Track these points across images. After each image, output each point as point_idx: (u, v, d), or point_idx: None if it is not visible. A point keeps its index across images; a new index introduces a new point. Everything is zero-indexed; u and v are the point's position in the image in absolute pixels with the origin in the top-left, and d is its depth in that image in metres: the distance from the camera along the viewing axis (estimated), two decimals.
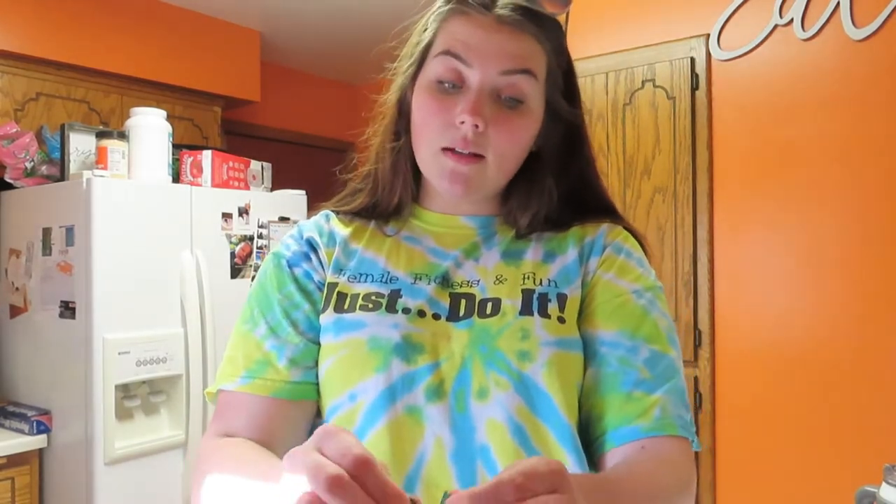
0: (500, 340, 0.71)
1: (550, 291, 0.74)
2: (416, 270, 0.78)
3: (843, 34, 2.14)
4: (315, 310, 0.78)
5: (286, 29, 3.59)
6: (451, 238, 0.81)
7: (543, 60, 0.76)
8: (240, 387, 0.75)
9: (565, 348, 0.71)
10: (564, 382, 0.70)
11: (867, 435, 2.08)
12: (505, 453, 0.68)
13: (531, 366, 0.70)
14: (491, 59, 0.72)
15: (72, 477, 2.24)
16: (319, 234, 0.83)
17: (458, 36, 0.73)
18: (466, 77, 0.73)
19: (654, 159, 2.49)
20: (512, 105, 0.73)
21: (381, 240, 0.82)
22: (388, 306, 0.75)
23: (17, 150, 2.50)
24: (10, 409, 2.39)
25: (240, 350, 0.78)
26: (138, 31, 3.14)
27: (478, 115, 0.70)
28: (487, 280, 0.76)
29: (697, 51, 2.40)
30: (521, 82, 0.73)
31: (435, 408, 0.70)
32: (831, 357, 2.15)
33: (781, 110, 2.27)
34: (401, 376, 0.71)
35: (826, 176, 2.19)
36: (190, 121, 3.38)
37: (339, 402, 0.73)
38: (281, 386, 0.75)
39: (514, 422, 0.69)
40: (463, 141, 0.72)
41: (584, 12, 2.66)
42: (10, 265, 2.55)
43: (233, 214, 2.61)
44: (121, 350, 2.22)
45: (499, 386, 0.70)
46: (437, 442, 0.69)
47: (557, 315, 0.72)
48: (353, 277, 0.78)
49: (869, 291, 2.11)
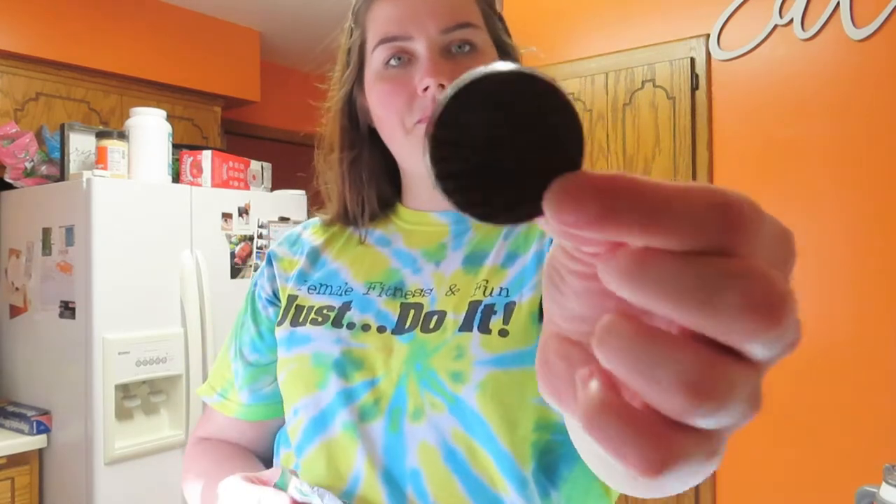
0: (434, 359, 0.67)
1: (498, 302, 0.68)
2: (373, 279, 0.76)
3: (843, 34, 2.14)
4: (259, 331, 0.81)
5: (286, 29, 3.59)
6: (419, 236, 0.78)
7: (476, 6, 0.74)
8: (214, 403, 0.84)
9: (505, 366, 0.64)
10: (503, 404, 0.63)
11: (867, 435, 2.08)
12: (437, 479, 0.64)
13: (464, 388, 0.64)
14: (428, 22, 0.69)
15: (72, 477, 2.24)
16: (290, 244, 0.84)
17: (387, 17, 0.71)
18: (412, 50, 0.70)
19: (654, 159, 2.49)
20: (467, 55, 0.71)
21: (353, 246, 0.80)
22: (334, 320, 0.73)
23: (17, 150, 2.50)
24: (10, 409, 2.38)
25: (218, 367, 0.86)
26: (138, 31, 3.14)
27: (439, 73, 0.68)
28: (440, 290, 0.72)
29: (697, 51, 2.40)
30: (465, 34, 0.71)
31: (370, 426, 0.68)
32: (832, 357, 2.15)
33: (781, 110, 2.27)
34: (338, 393, 0.69)
35: (826, 176, 2.19)
36: (190, 121, 3.38)
37: (288, 417, 0.75)
38: (237, 408, 0.82)
39: (448, 446, 0.65)
40: (433, 104, 0.68)
41: (584, 12, 2.66)
42: (10, 265, 2.55)
43: (233, 214, 2.61)
44: (121, 350, 2.22)
45: (434, 407, 0.66)
46: (369, 462, 0.67)
47: (500, 329, 0.66)
48: (312, 289, 0.77)
49: (869, 291, 2.11)
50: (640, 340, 0.20)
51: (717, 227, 0.19)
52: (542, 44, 2.72)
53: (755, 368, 0.20)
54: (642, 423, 0.20)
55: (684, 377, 0.19)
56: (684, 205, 0.19)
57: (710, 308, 0.19)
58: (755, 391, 0.20)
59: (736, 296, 0.18)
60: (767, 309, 0.18)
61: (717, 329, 0.19)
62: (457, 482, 0.64)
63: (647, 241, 0.19)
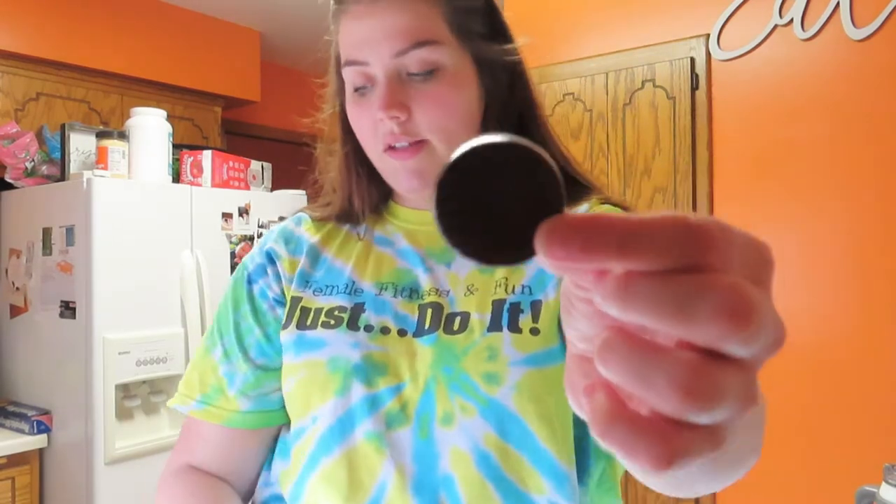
0: (465, 361, 0.65)
1: (524, 300, 0.67)
2: (383, 280, 0.73)
3: (843, 34, 2.14)
4: (266, 333, 0.75)
5: (286, 29, 3.59)
6: (423, 237, 0.75)
7: (440, 17, 0.68)
8: (194, 411, 0.75)
9: (540, 364, 0.64)
10: (541, 403, 0.63)
11: (867, 435, 2.08)
12: (470, 485, 0.63)
13: (500, 389, 0.63)
14: (381, 47, 0.66)
15: (72, 477, 2.24)
16: (286, 241, 0.79)
17: (349, 38, 0.69)
18: (372, 75, 0.68)
19: (654, 159, 2.49)
20: (427, 76, 0.67)
21: (352, 244, 0.77)
22: (349, 322, 0.70)
23: (18, 150, 2.50)
24: (10, 409, 2.39)
25: (197, 370, 0.78)
26: (138, 31, 3.14)
27: (391, 107, 0.66)
28: (457, 290, 0.70)
29: (697, 51, 2.40)
30: (422, 55, 0.66)
31: (397, 434, 0.65)
32: (831, 357, 2.15)
33: (781, 110, 2.27)
34: (360, 400, 0.66)
35: (826, 176, 2.19)
36: (190, 121, 3.38)
37: (303, 425, 0.70)
38: (231, 416, 0.74)
39: (480, 451, 0.64)
40: (392, 136, 0.67)
41: (584, 12, 2.66)
42: (10, 265, 2.55)
43: (233, 214, 2.61)
44: (121, 350, 2.22)
45: (465, 412, 0.64)
46: (398, 471, 0.64)
47: (530, 327, 0.65)
48: (318, 290, 0.74)
49: (869, 291, 2.11)
50: (636, 352, 0.22)
51: (685, 247, 0.22)
52: (543, 44, 2.73)
53: (742, 367, 0.23)
54: (648, 426, 0.22)
55: (676, 380, 0.22)
56: (651, 231, 0.22)
57: (687, 317, 0.21)
58: (747, 387, 0.23)
59: (707, 305, 0.21)
60: (736, 313, 0.21)
61: (696, 335, 0.22)
62: (490, 486, 0.63)
63: (625, 265, 0.22)
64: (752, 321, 0.21)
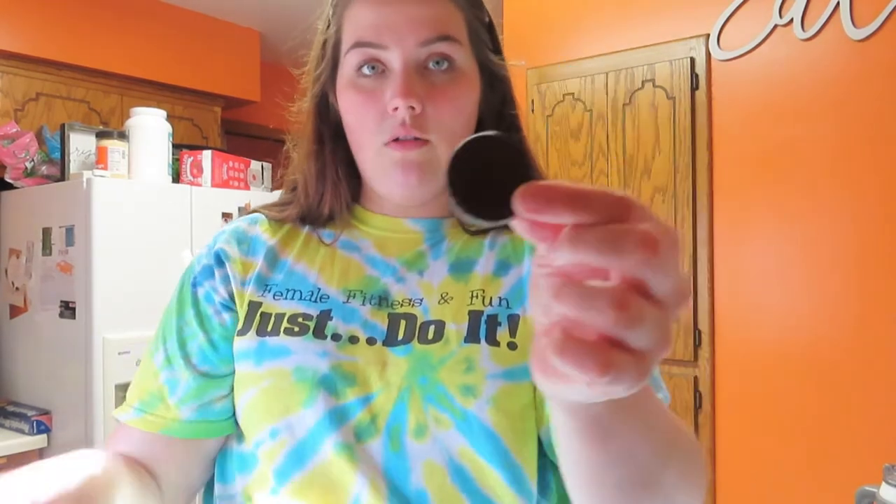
0: (441, 372, 0.63)
1: (501, 313, 0.66)
2: (351, 287, 0.70)
3: (843, 34, 2.14)
4: (210, 339, 0.71)
5: (286, 29, 3.59)
6: (393, 244, 0.73)
7: (461, 19, 0.68)
8: (131, 420, 0.71)
9: (516, 379, 0.63)
10: (514, 418, 0.62)
11: (867, 435, 2.08)
12: (444, 499, 0.61)
13: (475, 402, 0.62)
14: (405, 33, 0.65)
15: None
16: (238, 241, 0.74)
17: (364, 21, 0.66)
18: (387, 61, 0.66)
19: (654, 159, 2.49)
20: (443, 73, 0.66)
21: (314, 248, 0.74)
22: (315, 330, 0.67)
23: (18, 150, 2.51)
24: (10, 409, 2.39)
25: (138, 377, 0.74)
26: (138, 31, 3.14)
27: (410, 95, 0.63)
28: (431, 299, 0.68)
29: (697, 51, 2.40)
30: (444, 49, 0.66)
31: (367, 446, 0.63)
32: (831, 357, 2.15)
33: (781, 110, 2.27)
34: (328, 412, 0.63)
35: (826, 176, 2.19)
36: (190, 121, 3.38)
37: (260, 438, 0.66)
38: (170, 424, 0.70)
39: (454, 464, 0.62)
40: (402, 127, 0.65)
41: (584, 12, 2.66)
42: (10, 265, 2.55)
43: (233, 214, 2.61)
44: (121, 350, 2.22)
45: (439, 424, 0.62)
46: (371, 486, 0.62)
47: (508, 341, 0.64)
48: (278, 294, 0.70)
49: (869, 291, 2.11)
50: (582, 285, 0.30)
51: (614, 207, 0.30)
52: (543, 44, 2.73)
53: (659, 305, 0.30)
54: (593, 344, 0.29)
55: (612, 300, 0.29)
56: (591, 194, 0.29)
57: (617, 251, 0.29)
58: (663, 323, 0.30)
59: (629, 240, 0.29)
60: (649, 244, 0.29)
61: (624, 265, 0.29)
62: (465, 501, 0.62)
63: (573, 218, 0.29)
64: (660, 250, 0.29)
